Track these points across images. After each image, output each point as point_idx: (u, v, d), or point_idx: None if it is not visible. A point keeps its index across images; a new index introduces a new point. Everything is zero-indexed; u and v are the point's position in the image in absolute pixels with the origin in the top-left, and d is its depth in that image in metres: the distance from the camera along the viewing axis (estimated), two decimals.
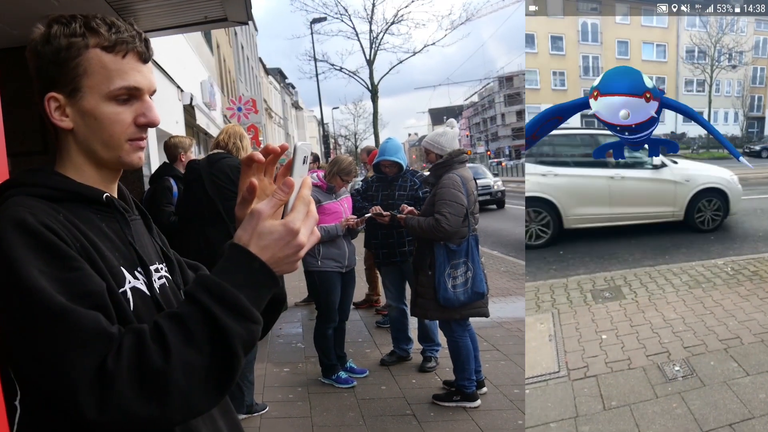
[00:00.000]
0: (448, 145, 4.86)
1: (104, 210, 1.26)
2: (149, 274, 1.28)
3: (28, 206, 1.12)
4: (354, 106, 62.05)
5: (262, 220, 1.09)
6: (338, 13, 30.42)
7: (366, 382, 5.46)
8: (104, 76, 1.20)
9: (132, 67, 1.23)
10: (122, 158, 1.25)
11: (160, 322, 1.05)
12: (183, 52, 13.85)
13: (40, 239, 1.07)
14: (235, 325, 1.04)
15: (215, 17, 7.28)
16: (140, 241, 1.32)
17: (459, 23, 31.19)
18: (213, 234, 4.15)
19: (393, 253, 5.76)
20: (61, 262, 1.07)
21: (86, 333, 1.01)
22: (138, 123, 1.24)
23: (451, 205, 4.55)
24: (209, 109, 17.18)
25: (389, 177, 5.72)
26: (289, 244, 1.09)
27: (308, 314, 7.82)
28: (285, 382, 5.57)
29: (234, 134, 4.51)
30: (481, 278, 4.64)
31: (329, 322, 5.31)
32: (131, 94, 1.23)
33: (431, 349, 5.76)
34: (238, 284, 1.06)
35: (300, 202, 1.11)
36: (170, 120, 11.52)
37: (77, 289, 1.05)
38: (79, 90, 1.20)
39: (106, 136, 1.22)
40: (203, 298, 1.05)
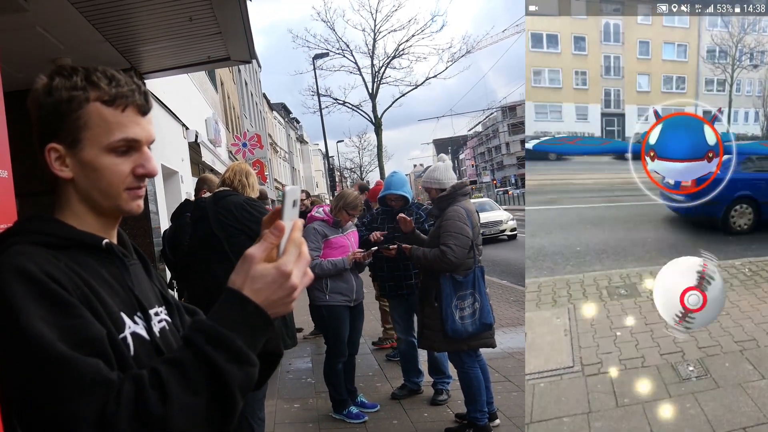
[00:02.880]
0: (444, 178, 4.88)
1: (103, 256, 1.28)
2: (149, 318, 1.30)
3: (29, 254, 1.14)
4: (358, 139, 62.34)
5: (255, 264, 1.11)
6: (340, 49, 30.57)
7: (377, 417, 5.40)
8: (104, 129, 1.23)
9: (131, 120, 1.25)
10: (121, 206, 1.28)
11: (158, 368, 1.06)
12: (187, 91, 14.00)
13: (42, 288, 1.08)
14: (232, 368, 1.06)
15: (218, 57, 7.40)
16: (139, 285, 1.34)
17: (459, 56, 31.26)
18: (219, 271, 4.14)
19: (400, 286, 5.76)
20: (63, 309, 1.08)
21: (87, 380, 1.02)
22: (136, 173, 1.26)
23: (456, 237, 4.56)
24: (214, 145, 17.31)
25: (395, 210, 5.72)
26: (282, 287, 1.12)
27: (316, 349, 7.77)
28: (296, 419, 5.51)
29: (240, 171, 4.53)
30: (488, 309, 4.65)
31: (339, 356, 5.27)
32: (130, 146, 1.25)
33: (442, 382, 5.69)
34: (233, 328, 1.08)
35: (291, 244, 1.14)
36: (176, 157, 11.60)
37: (78, 336, 1.07)
38: (79, 142, 1.23)
39: (104, 186, 1.25)
40: (200, 343, 1.06)
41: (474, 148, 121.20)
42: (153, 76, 7.80)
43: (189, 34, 6.29)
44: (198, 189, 5.62)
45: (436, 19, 65.29)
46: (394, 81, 31.18)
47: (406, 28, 35.17)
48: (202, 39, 6.55)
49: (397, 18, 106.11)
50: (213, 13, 5.75)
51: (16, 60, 5.54)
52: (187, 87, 14.04)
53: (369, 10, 32.89)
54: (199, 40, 6.57)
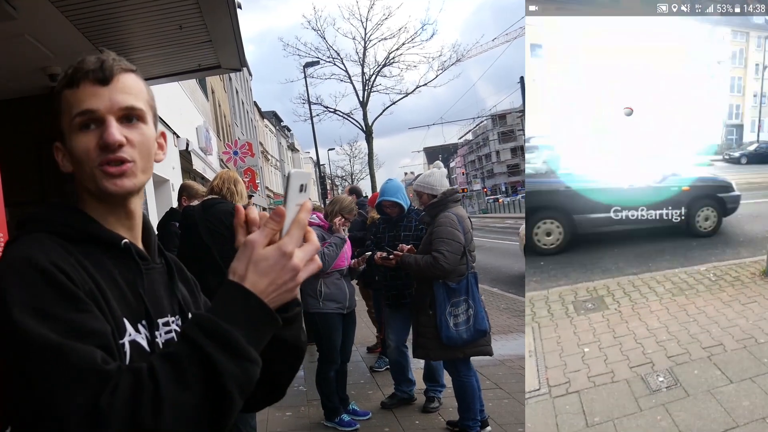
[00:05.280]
0: (438, 184, 4.89)
1: (119, 256, 1.24)
2: (154, 328, 1.24)
3: (42, 244, 1.13)
4: (349, 147, 62.33)
5: (257, 249, 1.08)
6: (330, 57, 30.68)
7: (369, 425, 5.39)
8: (68, 111, 1.22)
9: (86, 93, 1.21)
10: (100, 187, 1.22)
11: (154, 362, 1.02)
12: (178, 99, 13.98)
13: (47, 278, 1.06)
14: (229, 363, 1.01)
15: (209, 65, 7.38)
16: (152, 292, 1.29)
17: (450, 64, 31.49)
18: (210, 281, 4.13)
19: (402, 295, 5.63)
20: (67, 302, 1.05)
21: (79, 369, 0.98)
22: (100, 146, 1.21)
23: (448, 243, 4.56)
24: (205, 154, 17.28)
25: (394, 218, 5.70)
26: (284, 268, 1.08)
27: (308, 356, 7.74)
28: (288, 427, 5.49)
29: (228, 179, 4.52)
30: (482, 315, 4.62)
31: (331, 364, 5.26)
32: (91, 119, 1.21)
33: (435, 390, 5.69)
34: (233, 321, 1.03)
35: (295, 226, 1.10)
36: (167, 166, 11.57)
37: (81, 328, 1.03)
38: (62, 133, 1.24)
39: (82, 168, 1.23)
40: (195, 336, 1.02)
41: (464, 156, 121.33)
42: None
43: (179, 42, 6.28)
44: (179, 196, 5.62)
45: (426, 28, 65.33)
46: (385, 89, 31.44)
47: (397, 37, 35.05)
48: (192, 47, 6.54)
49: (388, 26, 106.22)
50: (203, 21, 5.75)
51: (5, 69, 5.52)
52: (178, 95, 14.02)
53: (359, 18, 32.89)
54: (189, 48, 6.57)
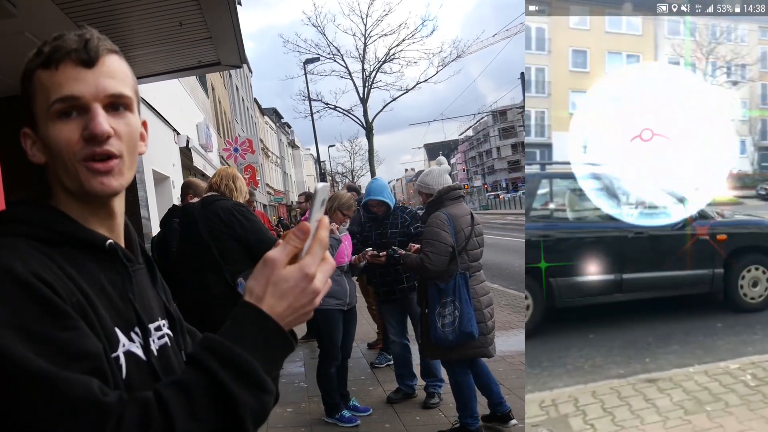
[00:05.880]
0: (434, 182, 4.85)
1: (104, 259, 1.10)
2: (147, 335, 1.13)
3: (16, 250, 0.97)
4: (350, 144, 62.45)
5: (277, 268, 0.98)
6: (330, 54, 30.55)
7: (370, 420, 5.40)
8: (43, 95, 1.05)
9: (68, 76, 1.04)
10: (84, 186, 1.06)
11: (162, 392, 0.92)
12: (178, 96, 13.98)
13: (29, 292, 0.91)
14: (245, 394, 0.92)
15: (209, 61, 7.39)
16: (141, 296, 1.17)
17: (450, 60, 31.40)
18: (210, 279, 4.15)
19: (392, 291, 5.79)
20: (54, 320, 0.92)
21: (75, 402, 0.87)
22: (86, 138, 1.04)
23: (432, 244, 4.52)
24: (206, 150, 17.27)
25: (380, 216, 5.78)
26: (304, 291, 0.98)
27: (309, 353, 7.76)
28: (288, 423, 5.50)
29: (227, 176, 4.52)
30: (469, 318, 4.43)
31: (332, 360, 5.27)
32: (72, 107, 1.04)
33: (434, 385, 5.71)
34: (248, 347, 0.94)
35: (317, 244, 1.00)
36: (167, 162, 11.58)
37: (70, 350, 0.91)
38: (33, 118, 1.08)
39: (61, 162, 1.06)
40: (208, 363, 0.93)
41: (465, 152, 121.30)
42: (143, 81, 7.78)
43: (179, 39, 6.28)
44: (183, 194, 5.61)
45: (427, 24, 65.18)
46: (385, 85, 31.28)
47: (397, 33, 35.06)
48: (192, 44, 6.55)
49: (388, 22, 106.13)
50: (203, 18, 5.75)
51: (4, 66, 5.51)
52: (178, 92, 14.02)
53: (359, 14, 32.76)
54: (189, 45, 6.57)
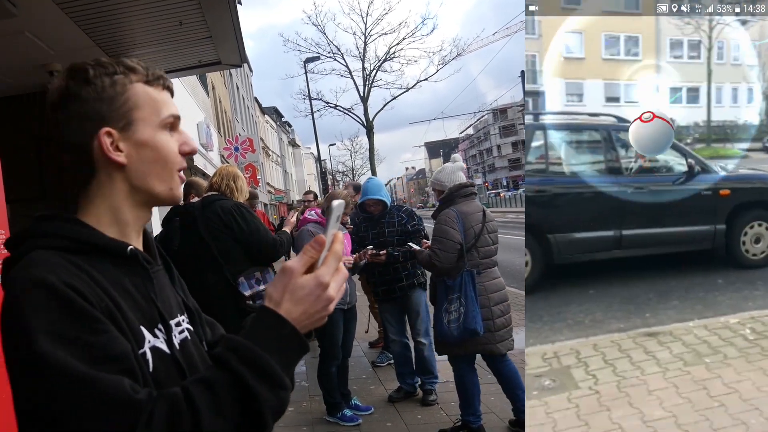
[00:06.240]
0: (446, 179, 4.88)
1: (126, 264, 1.20)
2: (170, 330, 1.23)
3: (49, 264, 1.07)
4: (350, 142, 62.46)
5: (294, 277, 1.09)
6: (331, 52, 30.50)
7: (371, 419, 5.40)
8: (153, 107, 1.24)
9: (169, 98, 1.28)
10: (173, 191, 1.27)
11: (190, 389, 1.01)
12: (178, 95, 13.94)
13: (64, 301, 1.01)
14: (266, 391, 1.02)
15: (209, 61, 7.38)
16: (162, 295, 1.27)
17: (450, 58, 31.39)
18: (210, 279, 4.14)
19: (392, 290, 5.80)
20: (87, 325, 1.01)
21: (110, 400, 0.96)
22: (182, 152, 1.27)
23: (440, 242, 4.59)
24: (206, 150, 17.28)
25: (376, 216, 5.78)
26: (319, 298, 1.10)
27: (310, 352, 7.75)
28: (290, 422, 5.50)
29: (227, 175, 4.50)
30: (474, 315, 4.47)
31: (332, 359, 5.27)
32: (173, 124, 1.27)
33: (430, 382, 5.74)
34: (268, 348, 1.05)
35: (332, 256, 1.12)
36: None
37: (103, 353, 1.01)
38: (131, 123, 1.21)
39: (161, 167, 1.24)
40: (233, 362, 1.02)
41: (465, 150, 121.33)
42: None
43: (179, 38, 6.27)
44: (186, 193, 5.60)
45: (427, 22, 65.29)
46: (385, 84, 31.21)
47: (397, 32, 35.14)
48: (192, 43, 6.54)
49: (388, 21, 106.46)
50: (203, 17, 5.74)
51: (5, 66, 5.51)
52: (179, 91, 14.00)
53: (359, 13, 32.70)
54: (189, 44, 6.56)
